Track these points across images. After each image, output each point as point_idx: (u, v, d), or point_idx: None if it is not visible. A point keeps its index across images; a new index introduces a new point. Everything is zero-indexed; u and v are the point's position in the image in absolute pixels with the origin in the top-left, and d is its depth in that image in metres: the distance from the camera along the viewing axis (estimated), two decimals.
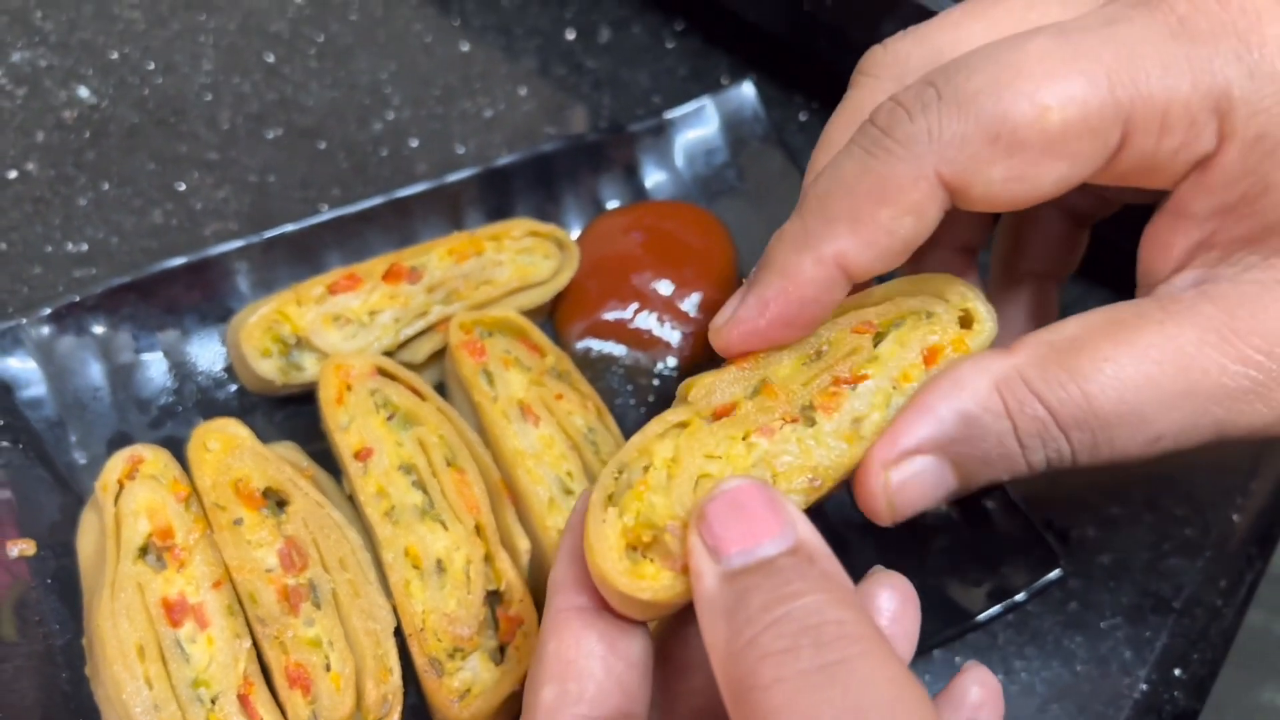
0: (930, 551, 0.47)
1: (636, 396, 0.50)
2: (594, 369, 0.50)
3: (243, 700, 0.39)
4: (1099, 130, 0.29)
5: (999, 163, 0.29)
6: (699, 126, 0.57)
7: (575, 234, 0.54)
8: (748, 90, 0.58)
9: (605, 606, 0.30)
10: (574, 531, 0.31)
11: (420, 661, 0.40)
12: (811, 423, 0.32)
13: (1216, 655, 0.48)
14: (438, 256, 0.48)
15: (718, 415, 0.32)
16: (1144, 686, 0.46)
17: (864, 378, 0.33)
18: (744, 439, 0.31)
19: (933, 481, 0.31)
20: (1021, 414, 0.30)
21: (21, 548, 0.44)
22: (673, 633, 0.34)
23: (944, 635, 0.45)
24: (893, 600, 0.32)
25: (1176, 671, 0.47)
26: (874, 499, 0.31)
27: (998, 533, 0.47)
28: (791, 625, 0.25)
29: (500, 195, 0.53)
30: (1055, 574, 0.47)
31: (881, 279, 0.34)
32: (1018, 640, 0.47)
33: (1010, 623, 0.47)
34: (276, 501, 0.43)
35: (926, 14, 0.51)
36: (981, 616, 0.45)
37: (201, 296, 0.49)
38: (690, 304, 0.51)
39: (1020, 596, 0.46)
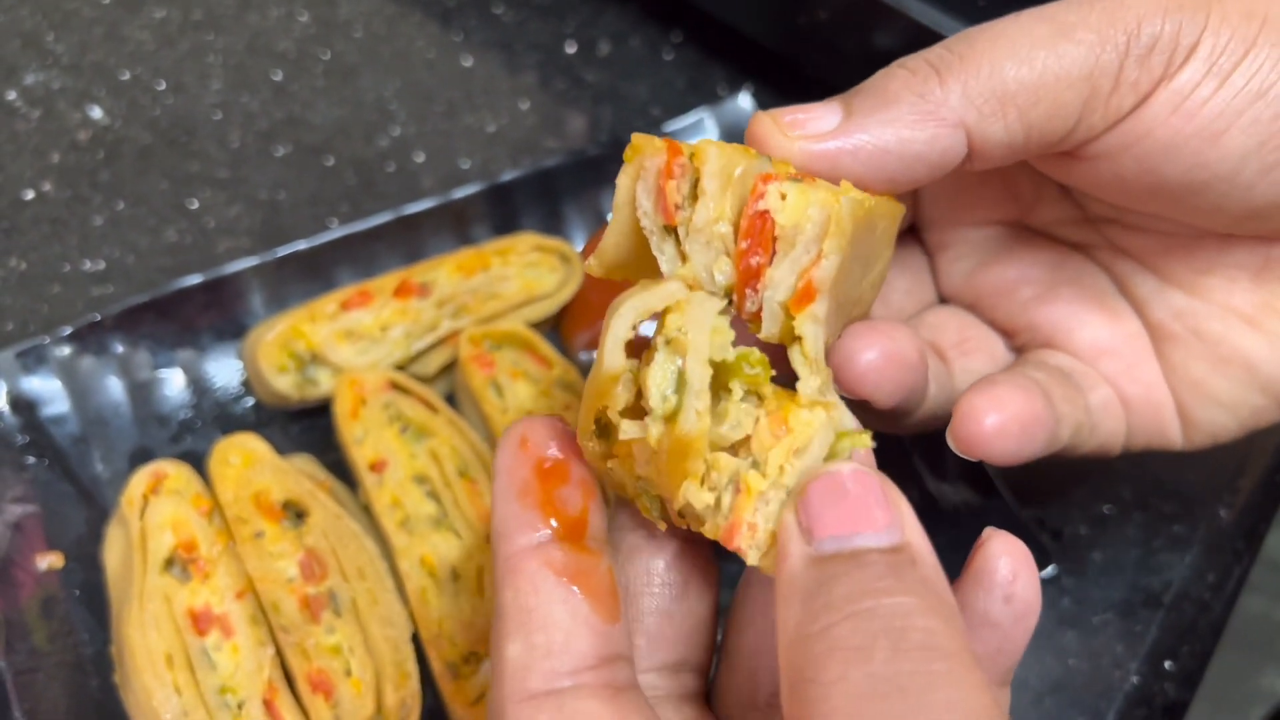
0: None
1: None
2: None
3: (268, 705, 0.41)
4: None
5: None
6: (697, 139, 0.58)
7: (579, 246, 0.55)
8: (745, 102, 0.59)
9: (556, 536, 0.28)
10: (508, 472, 0.29)
11: (437, 666, 0.42)
12: None
13: (1205, 648, 0.49)
14: (446, 272, 0.50)
15: None
16: (1135, 679, 0.48)
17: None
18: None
19: (819, 108, 0.31)
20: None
21: (50, 560, 0.45)
22: (743, 589, 0.33)
23: None
24: (1009, 565, 0.29)
25: (1167, 664, 0.48)
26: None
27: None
28: (873, 623, 0.23)
29: (505, 210, 0.54)
30: (1048, 572, 0.49)
31: None
32: None
33: None
34: (296, 513, 0.44)
35: (919, 28, 0.53)
36: None
37: (217, 314, 0.50)
38: None
39: None
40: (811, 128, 0.30)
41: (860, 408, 0.33)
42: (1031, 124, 0.31)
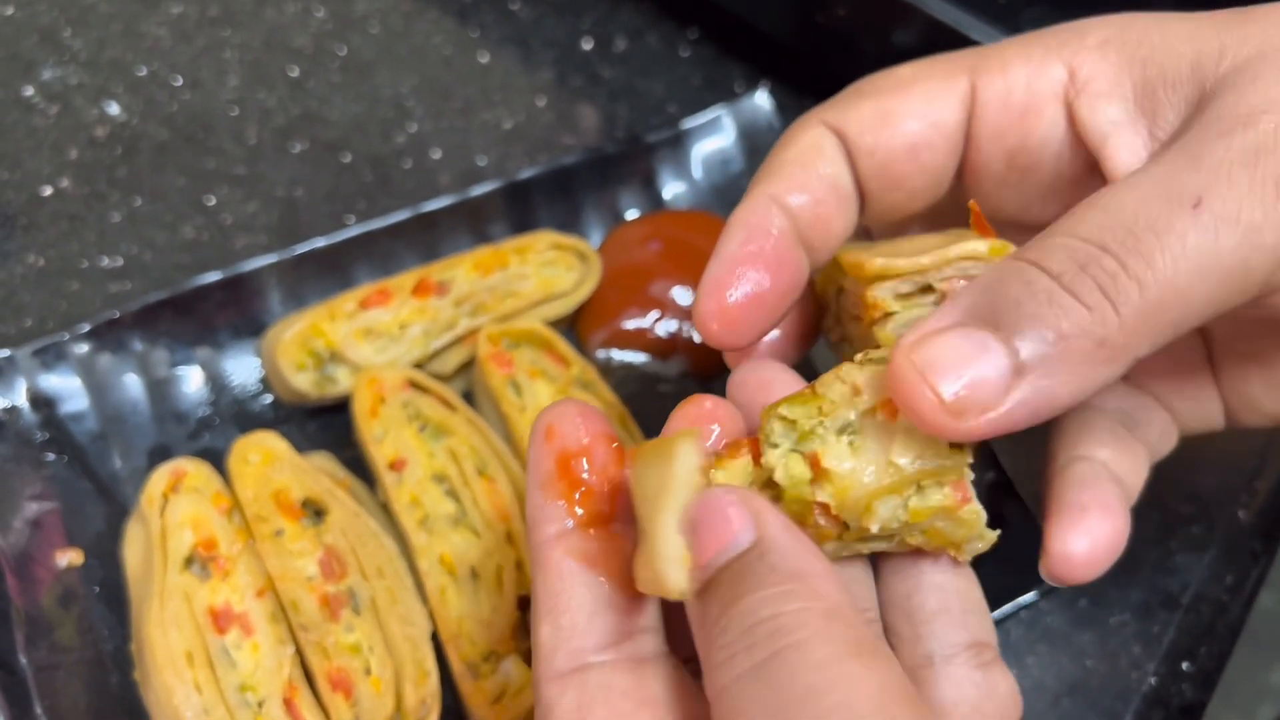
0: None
1: (656, 403, 0.52)
2: (615, 377, 0.52)
3: (288, 704, 0.41)
4: None
5: None
6: (715, 136, 0.58)
7: (596, 244, 0.55)
8: (762, 99, 0.59)
9: (579, 524, 0.29)
10: (534, 463, 0.30)
11: (457, 665, 0.42)
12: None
13: (1223, 648, 0.49)
14: (464, 271, 0.50)
15: None
16: (1152, 680, 0.48)
17: None
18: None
19: (970, 349, 0.26)
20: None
21: (70, 557, 0.45)
22: None
23: None
24: None
25: (1184, 665, 0.48)
26: (915, 394, 0.26)
27: (1010, 533, 0.48)
28: (730, 633, 0.25)
29: (522, 207, 0.54)
30: None
31: None
32: (1029, 637, 0.48)
33: (1022, 620, 0.49)
34: (315, 511, 0.44)
35: (939, 26, 0.52)
36: (994, 615, 0.46)
37: (235, 312, 0.50)
38: None
39: (1032, 595, 0.48)
40: (980, 395, 0.26)
41: None
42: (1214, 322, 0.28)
